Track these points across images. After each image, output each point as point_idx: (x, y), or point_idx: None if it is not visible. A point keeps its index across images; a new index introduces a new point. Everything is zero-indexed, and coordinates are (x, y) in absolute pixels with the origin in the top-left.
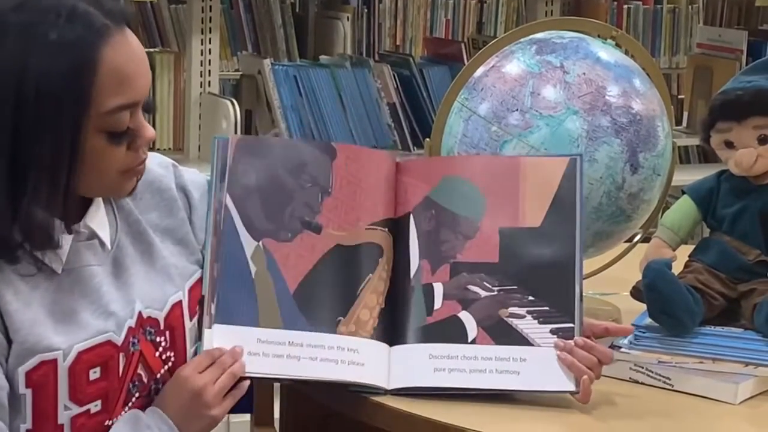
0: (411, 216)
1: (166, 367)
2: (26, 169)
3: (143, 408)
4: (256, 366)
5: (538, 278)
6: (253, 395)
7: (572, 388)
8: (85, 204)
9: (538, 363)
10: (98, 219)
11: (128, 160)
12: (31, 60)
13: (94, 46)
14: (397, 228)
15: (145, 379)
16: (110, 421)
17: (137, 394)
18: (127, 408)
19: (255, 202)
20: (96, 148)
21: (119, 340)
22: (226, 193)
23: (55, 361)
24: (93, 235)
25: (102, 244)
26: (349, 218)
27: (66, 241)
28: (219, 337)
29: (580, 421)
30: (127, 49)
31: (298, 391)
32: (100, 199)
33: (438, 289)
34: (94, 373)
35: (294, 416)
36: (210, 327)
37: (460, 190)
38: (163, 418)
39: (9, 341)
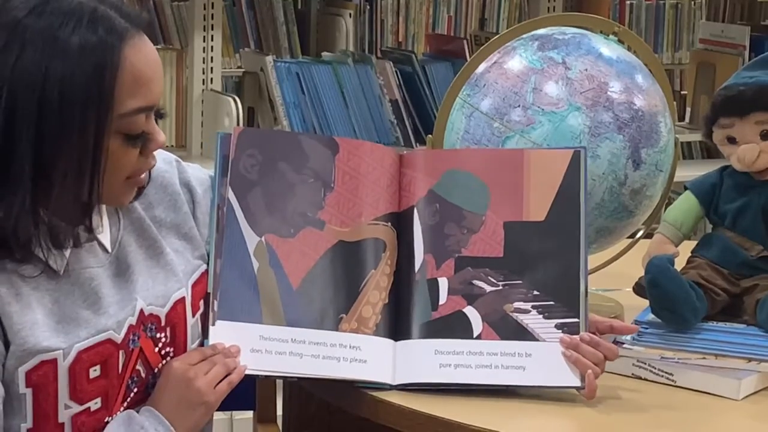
0: (415, 210)
1: (164, 361)
2: (51, 173)
3: (141, 403)
4: (259, 363)
5: (543, 273)
6: (255, 392)
7: (578, 383)
8: None
9: (543, 358)
10: (101, 223)
11: (139, 165)
12: (53, 64)
13: (116, 48)
14: (400, 222)
15: (143, 375)
16: (110, 418)
17: (135, 389)
18: (125, 404)
19: (257, 196)
20: (113, 150)
21: (119, 338)
22: (229, 187)
23: (55, 361)
24: (93, 237)
25: (102, 246)
26: (351, 214)
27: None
28: (222, 333)
29: (584, 416)
30: (145, 53)
31: (300, 387)
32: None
33: (443, 283)
34: (94, 372)
35: (297, 413)
36: (214, 324)
37: (464, 183)
38: (156, 416)
39: (7, 345)
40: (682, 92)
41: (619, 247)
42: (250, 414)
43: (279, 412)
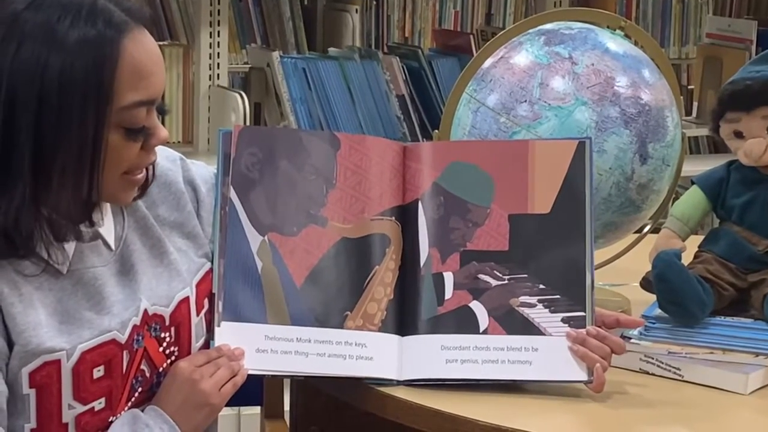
0: (419, 203)
1: (169, 361)
2: (50, 166)
3: (145, 402)
4: (265, 363)
5: (549, 266)
6: (262, 388)
7: (584, 377)
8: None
9: (550, 352)
10: (104, 220)
11: (140, 160)
12: (52, 57)
13: (115, 41)
14: (405, 215)
15: (147, 374)
16: (114, 418)
17: (140, 389)
18: (130, 403)
19: (259, 195)
20: (113, 145)
21: (123, 338)
22: (230, 186)
23: (58, 362)
24: (97, 236)
25: (106, 244)
26: (354, 210)
27: (71, 241)
28: (227, 334)
29: (591, 411)
30: (145, 46)
31: (307, 383)
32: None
33: (448, 278)
34: (98, 372)
35: (304, 408)
36: (219, 325)
37: (469, 175)
38: (161, 415)
39: (10, 345)
40: (689, 87)
41: (626, 242)
42: (257, 409)
43: (286, 407)
